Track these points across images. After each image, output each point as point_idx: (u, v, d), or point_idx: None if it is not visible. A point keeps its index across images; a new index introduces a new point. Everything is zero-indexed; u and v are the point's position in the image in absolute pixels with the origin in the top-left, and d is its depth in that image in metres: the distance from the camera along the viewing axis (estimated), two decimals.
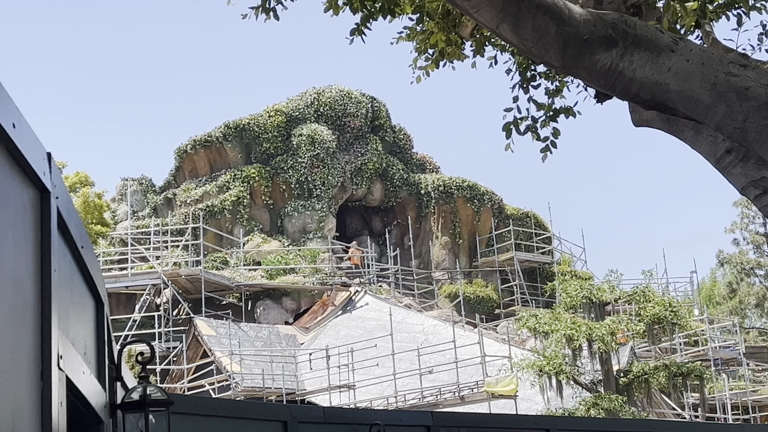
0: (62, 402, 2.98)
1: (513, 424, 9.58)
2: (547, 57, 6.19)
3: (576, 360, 27.08)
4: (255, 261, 43.03)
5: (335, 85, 49.57)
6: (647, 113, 6.78)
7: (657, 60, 6.06)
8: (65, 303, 3.19)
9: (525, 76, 8.67)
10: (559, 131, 8.81)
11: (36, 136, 2.81)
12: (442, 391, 30.86)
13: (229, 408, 7.48)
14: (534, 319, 27.87)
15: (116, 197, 49.59)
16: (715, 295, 71.44)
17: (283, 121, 47.33)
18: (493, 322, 42.89)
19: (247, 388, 31.93)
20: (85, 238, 3.68)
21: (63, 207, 3.11)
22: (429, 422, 8.47)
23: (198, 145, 47.47)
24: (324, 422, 7.73)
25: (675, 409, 32.02)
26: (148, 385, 4.64)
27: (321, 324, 39.05)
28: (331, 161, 46.74)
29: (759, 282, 69.13)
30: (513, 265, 45.58)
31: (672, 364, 28.40)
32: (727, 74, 5.91)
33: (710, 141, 6.45)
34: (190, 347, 35.02)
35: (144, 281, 38.95)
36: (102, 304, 4.21)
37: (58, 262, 3.01)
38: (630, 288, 31.53)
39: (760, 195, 6.27)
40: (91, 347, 3.91)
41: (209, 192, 45.55)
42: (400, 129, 51.67)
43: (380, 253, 46.92)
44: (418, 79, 9.75)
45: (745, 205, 67.63)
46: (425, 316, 38.43)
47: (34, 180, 2.78)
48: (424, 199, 48.63)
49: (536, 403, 27.89)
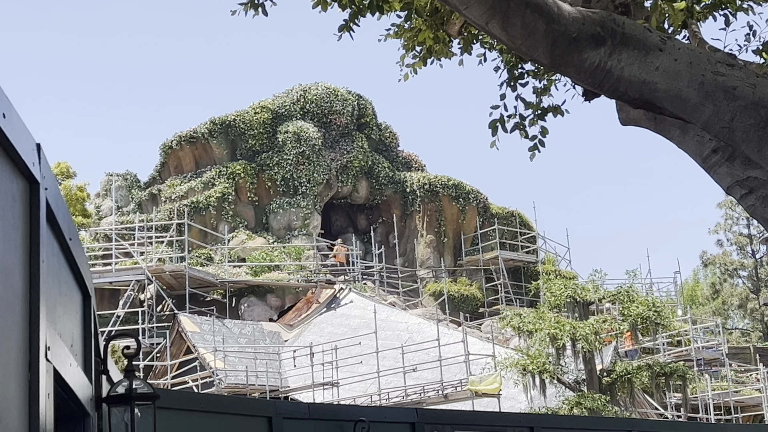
0: (50, 393, 2.98)
1: (498, 422, 9.59)
2: (535, 55, 6.20)
3: (560, 359, 27.15)
4: (240, 258, 42.98)
5: (321, 83, 49.55)
6: (634, 112, 6.80)
7: (645, 59, 6.08)
8: (53, 295, 3.19)
9: (513, 74, 8.69)
10: (547, 130, 8.83)
11: (26, 127, 2.81)
12: (426, 389, 30.88)
13: (214, 403, 7.47)
14: (518, 318, 27.93)
15: (101, 192, 49.43)
16: (698, 296, 71.73)
17: (269, 117, 47.29)
18: (477, 320, 42.94)
19: (231, 385, 31.88)
20: (73, 230, 3.67)
21: (52, 198, 3.10)
22: (414, 419, 8.48)
23: (183, 141, 47.37)
24: (309, 418, 7.73)
25: (657, 409, 32.13)
26: (134, 378, 4.62)
27: (305, 321, 39.03)
28: (317, 158, 46.72)
29: (742, 283, 69.43)
30: (498, 264, 45.67)
31: (655, 364, 28.51)
32: (714, 74, 5.94)
33: (697, 140, 6.48)
34: (173, 343, 34.95)
35: (128, 277, 38.86)
36: (89, 297, 4.20)
37: (47, 253, 3.01)
38: (614, 288, 31.65)
39: (746, 194, 6.31)
40: (78, 340, 3.91)
41: (194, 188, 45.47)
42: (386, 127, 51.68)
43: (365, 251, 46.93)
44: (406, 77, 9.75)
45: (729, 206, 67.93)
46: (410, 314, 38.46)
47: (23, 171, 2.77)
48: (410, 197, 48.66)
49: (519, 402, 27.95)
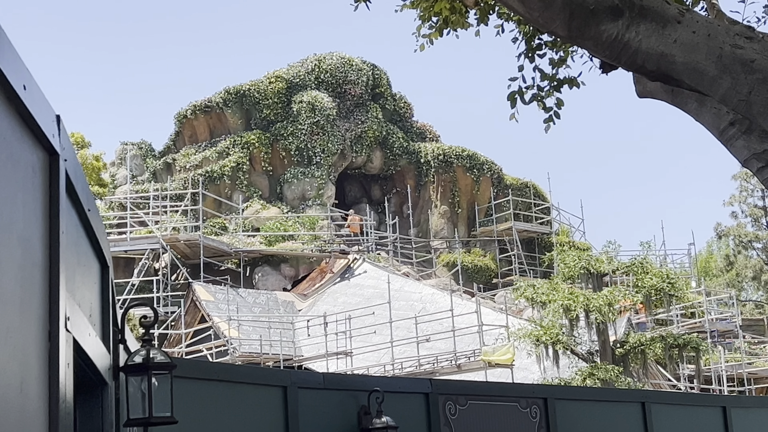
0: (69, 363, 3.01)
1: (511, 393, 9.62)
2: (553, 26, 6.17)
3: (573, 330, 27.16)
4: (254, 227, 43.06)
5: (336, 53, 49.38)
6: (651, 85, 6.77)
7: (663, 31, 6.04)
8: (72, 265, 3.21)
9: (531, 45, 8.65)
10: (563, 102, 8.80)
11: (45, 98, 2.81)
12: (439, 359, 30.96)
13: (230, 373, 7.51)
14: (531, 289, 27.92)
15: (115, 161, 49.52)
16: (712, 268, 71.57)
17: (284, 87, 47.21)
18: (490, 291, 42.98)
19: (245, 354, 32.03)
20: (92, 201, 3.69)
21: (71, 170, 3.11)
22: (428, 389, 8.52)
23: (198, 110, 47.36)
24: (323, 388, 7.77)
25: (670, 380, 32.16)
26: (151, 348, 4.65)
27: (319, 291, 39.13)
28: (331, 128, 46.66)
29: (756, 255, 69.23)
30: (511, 234, 45.63)
31: (668, 336, 28.49)
32: (732, 46, 5.90)
33: (714, 113, 6.45)
34: (188, 312, 35.09)
35: (143, 246, 38.98)
36: (107, 268, 4.22)
37: (66, 224, 3.02)
38: (628, 259, 31.58)
39: (763, 168, 6.28)
40: (96, 310, 3.93)
41: (209, 157, 45.50)
42: (400, 97, 51.53)
43: (379, 221, 46.94)
44: (422, 47, 9.72)
45: (744, 178, 67.63)
46: (423, 285, 38.49)
47: (43, 142, 2.78)
48: (424, 167, 48.58)
49: (532, 373, 28.00)
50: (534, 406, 9.28)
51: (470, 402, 8.77)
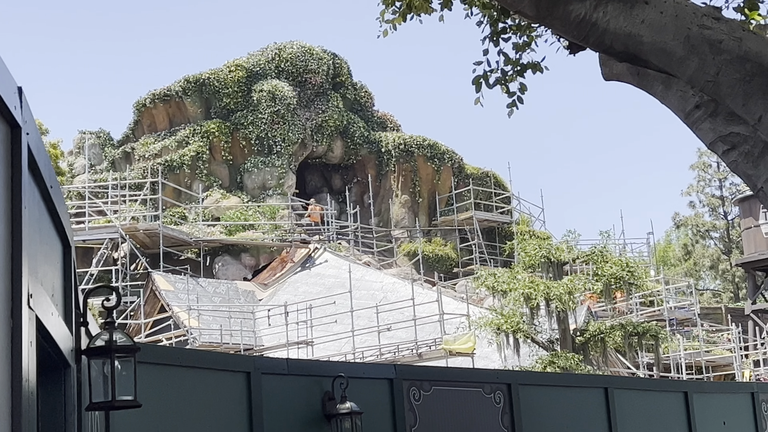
0: (32, 341, 2.93)
1: (475, 378, 9.62)
2: (521, 6, 6.14)
3: (533, 319, 27.25)
4: (214, 217, 42.85)
5: (296, 41, 49.20)
6: (618, 67, 6.76)
7: (631, 11, 6.03)
8: (35, 243, 3.13)
9: (495, 29, 8.61)
10: (527, 86, 8.78)
11: (7, 69, 2.74)
12: (401, 348, 30.99)
13: (193, 358, 7.44)
14: (492, 277, 27.98)
15: (73, 150, 49.01)
16: (670, 257, 72.27)
17: (244, 76, 46.96)
18: (451, 280, 43.07)
19: (205, 344, 31.86)
20: (54, 178, 3.60)
21: (33, 144, 3.03)
22: (392, 375, 8.49)
23: (157, 98, 47.01)
24: (287, 374, 7.71)
25: (630, 368, 32.38)
26: (114, 330, 4.56)
27: (280, 280, 39.02)
28: (292, 118, 46.49)
29: (714, 244, 69.96)
30: (472, 224, 45.75)
31: (628, 324, 28.68)
32: (700, 27, 5.90)
33: (679, 96, 6.45)
34: (147, 302, 34.86)
35: (101, 235, 38.66)
36: (69, 247, 4.14)
37: (28, 200, 2.94)
38: (588, 248, 31.76)
39: (728, 150, 6.29)
40: (58, 290, 3.85)
41: (168, 146, 45.18)
42: (361, 86, 51.45)
43: (340, 211, 46.88)
44: (385, 33, 9.65)
45: (702, 168, 68.34)
46: (384, 274, 38.51)
47: (5, 115, 2.71)
48: (385, 157, 48.55)
49: (493, 361, 28.09)
50: (498, 391, 9.28)
51: (434, 387, 8.75)
